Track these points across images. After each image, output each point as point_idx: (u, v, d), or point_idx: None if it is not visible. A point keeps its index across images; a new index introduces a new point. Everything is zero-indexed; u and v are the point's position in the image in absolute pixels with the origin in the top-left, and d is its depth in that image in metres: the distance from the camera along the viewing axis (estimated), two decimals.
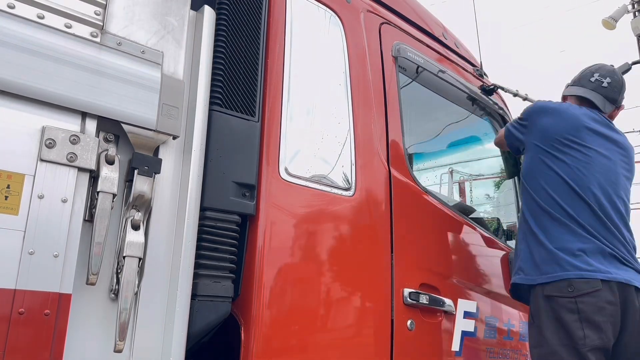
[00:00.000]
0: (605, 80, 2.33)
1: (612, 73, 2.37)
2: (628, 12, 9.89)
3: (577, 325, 1.94)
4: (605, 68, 2.39)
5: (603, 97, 2.31)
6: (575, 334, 1.93)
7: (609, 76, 2.35)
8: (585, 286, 1.96)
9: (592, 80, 2.35)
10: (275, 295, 1.62)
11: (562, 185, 2.12)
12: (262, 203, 1.66)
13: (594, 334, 1.92)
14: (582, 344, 1.92)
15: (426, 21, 2.69)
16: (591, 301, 1.95)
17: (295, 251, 1.72)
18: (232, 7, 1.73)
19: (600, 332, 1.93)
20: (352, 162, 1.97)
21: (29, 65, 1.27)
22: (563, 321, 1.96)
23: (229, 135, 1.63)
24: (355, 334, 1.85)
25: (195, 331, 1.47)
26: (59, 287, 1.23)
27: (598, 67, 2.40)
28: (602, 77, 2.34)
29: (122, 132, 1.41)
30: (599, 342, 1.93)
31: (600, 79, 2.34)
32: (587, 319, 1.93)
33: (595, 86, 2.33)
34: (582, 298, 1.95)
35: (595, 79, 2.34)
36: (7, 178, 1.21)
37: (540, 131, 2.23)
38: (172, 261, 1.46)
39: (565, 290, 1.98)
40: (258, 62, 1.75)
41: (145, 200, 1.40)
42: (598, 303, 1.95)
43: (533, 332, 2.08)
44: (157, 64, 1.48)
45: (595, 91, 2.32)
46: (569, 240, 2.05)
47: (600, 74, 2.35)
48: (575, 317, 1.95)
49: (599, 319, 1.94)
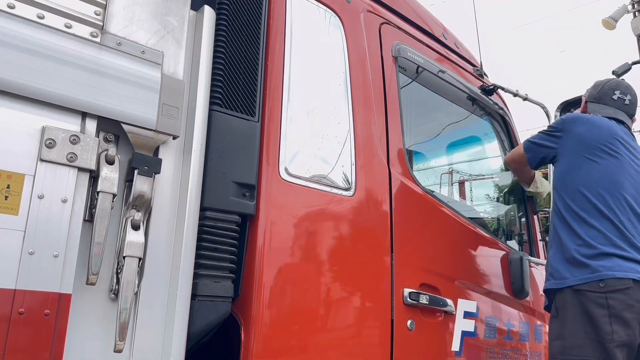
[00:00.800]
0: (627, 98, 2.42)
1: (630, 89, 2.45)
2: (628, 12, 9.89)
3: (605, 320, 1.95)
4: (624, 85, 2.46)
5: (626, 114, 2.40)
6: (603, 328, 1.95)
7: (629, 93, 2.43)
8: (617, 283, 1.98)
9: (614, 99, 2.41)
10: (275, 295, 1.62)
11: (599, 188, 2.15)
12: (262, 203, 1.66)
13: (622, 330, 1.95)
14: (609, 339, 1.94)
15: (426, 21, 2.69)
16: (621, 298, 1.97)
17: (295, 251, 1.72)
18: (232, 7, 1.72)
19: (628, 329, 1.95)
20: (352, 162, 1.97)
21: (29, 65, 1.27)
22: (591, 315, 1.97)
23: (229, 135, 1.63)
24: (355, 334, 1.85)
25: (195, 331, 1.47)
26: (59, 287, 1.23)
27: (616, 83, 2.46)
28: (624, 95, 2.42)
29: (122, 132, 1.40)
30: (626, 338, 1.95)
31: (622, 97, 2.41)
32: (616, 315, 1.95)
33: (619, 105, 2.40)
34: (613, 294, 1.97)
35: (618, 97, 2.41)
36: (7, 178, 1.21)
37: (577, 138, 2.26)
38: (172, 261, 1.46)
39: (595, 286, 1.99)
40: (258, 62, 1.75)
41: (145, 200, 1.40)
42: (628, 300, 1.97)
43: (555, 324, 2.10)
44: (157, 64, 1.48)
45: (620, 110, 2.40)
46: (603, 243, 2.07)
47: (621, 91, 2.42)
48: (604, 312, 1.96)
49: (628, 315, 1.96)
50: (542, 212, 3.08)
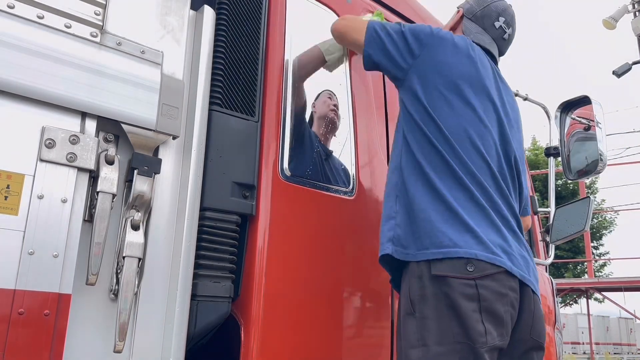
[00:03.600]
0: (507, 32, 1.95)
1: (514, 22, 1.98)
2: (628, 12, 9.90)
3: (476, 316, 1.45)
4: (510, 13, 1.97)
5: (498, 49, 1.96)
6: (474, 328, 1.45)
7: (512, 26, 1.96)
8: (488, 266, 1.50)
9: (496, 27, 1.93)
10: (275, 295, 1.62)
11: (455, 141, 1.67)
12: (262, 203, 1.66)
13: (495, 329, 1.47)
14: (482, 342, 1.44)
15: (426, 21, 2.69)
16: (493, 285, 1.49)
17: (295, 251, 1.72)
18: (232, 7, 1.72)
19: (501, 327, 1.49)
20: (352, 163, 1.97)
21: (28, 65, 1.27)
22: (459, 311, 1.46)
23: (229, 135, 1.63)
24: (355, 334, 1.85)
25: (195, 331, 1.47)
26: (59, 288, 1.23)
27: (503, 8, 1.95)
28: (506, 26, 1.94)
29: (122, 132, 1.40)
30: (499, 339, 1.48)
31: (504, 28, 1.94)
32: (488, 309, 1.47)
33: (497, 36, 1.94)
34: (484, 281, 1.48)
35: (500, 27, 1.93)
36: (6, 178, 1.21)
37: (437, 66, 1.73)
38: (171, 261, 1.46)
39: (462, 270, 1.49)
40: (258, 62, 1.75)
41: (145, 200, 1.40)
42: (501, 288, 1.51)
43: (410, 325, 1.52)
44: (157, 64, 1.48)
45: (495, 42, 1.94)
46: (467, 208, 1.58)
47: (505, 20, 1.94)
48: (474, 306, 1.46)
49: (501, 308, 1.49)
50: (541, 212, 3.08)
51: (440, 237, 1.55)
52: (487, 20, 1.94)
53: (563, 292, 19.95)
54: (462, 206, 1.59)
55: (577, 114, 2.76)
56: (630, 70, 7.75)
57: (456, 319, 1.47)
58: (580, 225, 2.86)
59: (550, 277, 3.10)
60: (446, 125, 1.67)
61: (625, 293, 19.09)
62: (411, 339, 1.51)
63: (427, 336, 1.49)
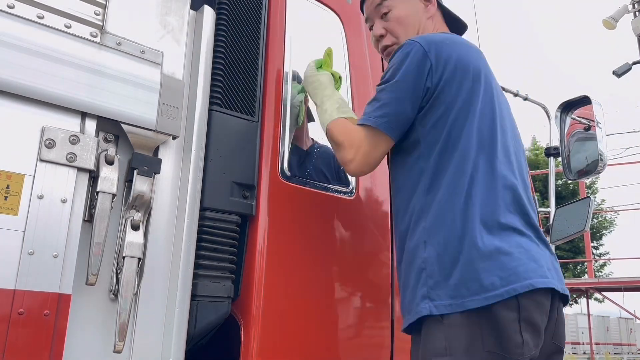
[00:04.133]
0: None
1: None
2: (628, 12, 9.90)
3: (514, 327, 1.32)
4: None
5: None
6: (511, 338, 1.31)
7: None
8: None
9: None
10: (275, 295, 1.62)
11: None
12: (262, 203, 1.66)
13: (532, 340, 1.35)
14: (518, 353, 1.31)
15: None
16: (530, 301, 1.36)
17: (295, 251, 1.72)
18: (232, 7, 1.72)
19: (538, 338, 1.37)
20: None
21: (28, 65, 1.27)
22: (495, 320, 1.33)
23: (229, 135, 1.63)
24: (355, 334, 1.85)
25: (195, 331, 1.47)
26: (59, 288, 1.23)
27: None
28: None
29: (122, 132, 1.40)
30: (535, 350, 1.36)
31: None
32: (527, 319, 1.34)
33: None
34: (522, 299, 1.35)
35: None
36: (6, 178, 1.21)
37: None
38: (171, 261, 1.46)
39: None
40: (258, 62, 1.75)
41: (145, 200, 1.40)
42: (537, 298, 1.37)
43: (435, 333, 1.38)
44: (157, 64, 1.48)
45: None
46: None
47: None
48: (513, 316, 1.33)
49: (539, 318, 1.37)
50: (542, 212, 3.08)
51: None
52: None
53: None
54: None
55: (577, 114, 2.76)
56: (630, 70, 7.75)
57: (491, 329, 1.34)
58: (580, 226, 2.85)
59: None
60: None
61: (625, 293, 19.09)
62: (436, 346, 1.36)
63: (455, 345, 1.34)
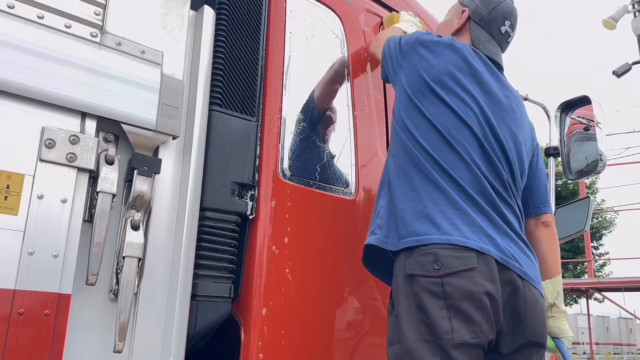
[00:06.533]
0: (511, 35, 1.87)
1: (517, 21, 1.87)
2: (628, 12, 9.91)
3: (442, 314, 1.43)
4: (515, 14, 1.87)
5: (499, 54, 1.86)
6: (439, 325, 1.42)
7: (515, 28, 1.87)
8: (455, 262, 1.46)
9: (502, 32, 1.84)
10: (275, 295, 1.62)
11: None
12: (261, 203, 1.66)
13: (463, 327, 1.42)
14: (448, 339, 1.41)
15: (426, 21, 2.69)
16: (461, 283, 1.45)
17: (295, 251, 1.72)
18: (232, 7, 1.73)
19: (472, 325, 1.43)
20: (352, 163, 1.97)
21: (28, 65, 1.27)
22: (424, 308, 1.45)
23: (229, 135, 1.63)
24: (355, 334, 1.85)
25: (195, 331, 1.47)
26: (59, 288, 1.23)
27: (510, 9, 1.85)
28: (511, 30, 1.86)
29: (122, 132, 1.40)
30: (469, 336, 1.43)
31: (509, 32, 1.85)
32: (455, 307, 1.43)
33: (502, 41, 1.85)
34: (450, 278, 1.45)
35: (506, 32, 1.84)
36: (6, 178, 1.21)
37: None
38: (171, 261, 1.46)
39: (429, 267, 1.47)
40: (258, 62, 1.75)
41: (144, 200, 1.40)
42: (470, 286, 1.45)
43: (391, 323, 1.55)
44: (157, 64, 1.48)
45: (500, 47, 1.85)
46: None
47: (511, 23, 1.85)
48: (440, 304, 1.44)
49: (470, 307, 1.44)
50: None
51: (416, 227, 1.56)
52: (494, 25, 1.83)
53: (563, 292, 19.91)
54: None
55: (577, 114, 2.76)
56: (630, 70, 7.75)
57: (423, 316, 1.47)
58: (580, 225, 2.85)
59: None
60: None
61: (625, 293, 19.09)
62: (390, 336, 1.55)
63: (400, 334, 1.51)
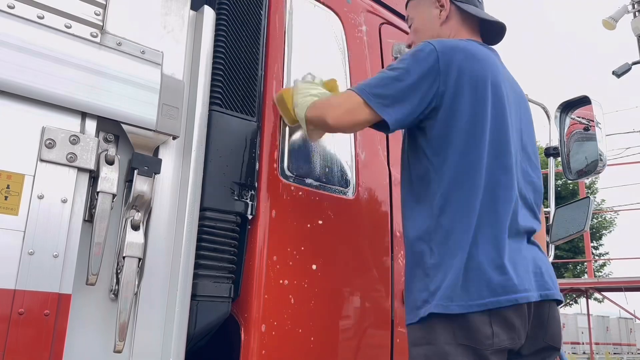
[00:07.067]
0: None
1: None
2: (628, 12, 9.91)
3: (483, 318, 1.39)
4: None
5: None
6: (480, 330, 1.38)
7: None
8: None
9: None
10: (275, 295, 1.62)
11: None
12: (262, 203, 1.66)
13: (503, 333, 1.40)
14: (488, 344, 1.38)
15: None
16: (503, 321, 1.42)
17: (295, 252, 1.72)
18: (232, 7, 1.73)
19: (512, 331, 1.42)
20: (352, 163, 1.97)
21: (28, 65, 1.27)
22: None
23: (229, 135, 1.63)
24: (355, 334, 1.85)
25: (195, 331, 1.47)
26: (59, 288, 1.23)
27: None
28: None
29: (122, 132, 1.41)
30: (508, 342, 1.41)
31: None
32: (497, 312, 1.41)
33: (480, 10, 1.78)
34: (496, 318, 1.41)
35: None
36: (6, 178, 1.21)
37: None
38: (171, 261, 1.46)
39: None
40: (258, 62, 1.75)
41: (145, 200, 1.40)
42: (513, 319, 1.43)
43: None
44: (157, 64, 1.49)
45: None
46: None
47: None
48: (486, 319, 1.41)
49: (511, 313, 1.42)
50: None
51: None
52: None
53: (563, 292, 19.78)
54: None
55: (577, 114, 2.76)
56: (630, 70, 7.75)
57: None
58: (580, 226, 2.85)
59: None
60: None
61: (626, 293, 19.09)
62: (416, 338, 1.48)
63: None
